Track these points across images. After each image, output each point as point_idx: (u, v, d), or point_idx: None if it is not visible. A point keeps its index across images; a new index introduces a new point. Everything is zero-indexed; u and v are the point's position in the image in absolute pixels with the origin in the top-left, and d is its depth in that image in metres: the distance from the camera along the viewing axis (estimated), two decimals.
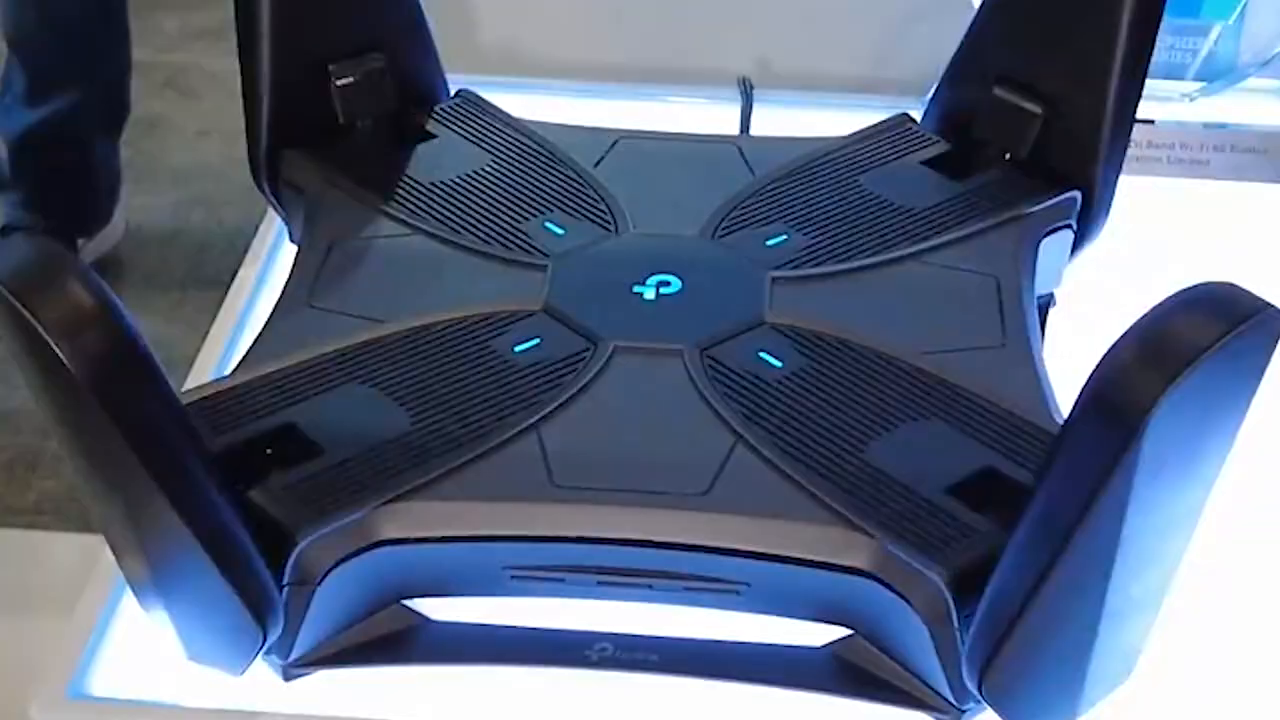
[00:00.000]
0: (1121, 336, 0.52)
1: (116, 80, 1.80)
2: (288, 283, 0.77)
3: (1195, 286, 0.53)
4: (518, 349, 0.71)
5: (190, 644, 0.64)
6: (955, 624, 0.60)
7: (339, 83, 0.83)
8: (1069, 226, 0.81)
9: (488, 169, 0.84)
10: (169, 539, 0.58)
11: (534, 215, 0.80)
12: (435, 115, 0.88)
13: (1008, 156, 0.83)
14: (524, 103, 0.90)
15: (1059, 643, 0.59)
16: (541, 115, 0.89)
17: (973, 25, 0.85)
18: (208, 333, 0.86)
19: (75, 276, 0.54)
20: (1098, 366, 0.52)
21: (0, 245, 0.55)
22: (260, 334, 0.73)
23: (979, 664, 0.59)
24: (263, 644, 0.62)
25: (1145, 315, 0.52)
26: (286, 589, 0.62)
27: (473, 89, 0.90)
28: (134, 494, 0.57)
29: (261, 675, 0.65)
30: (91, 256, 1.90)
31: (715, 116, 1.01)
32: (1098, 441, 0.53)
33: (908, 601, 0.61)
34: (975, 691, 0.60)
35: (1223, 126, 1.01)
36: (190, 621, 0.63)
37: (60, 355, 0.53)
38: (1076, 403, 0.53)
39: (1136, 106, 0.80)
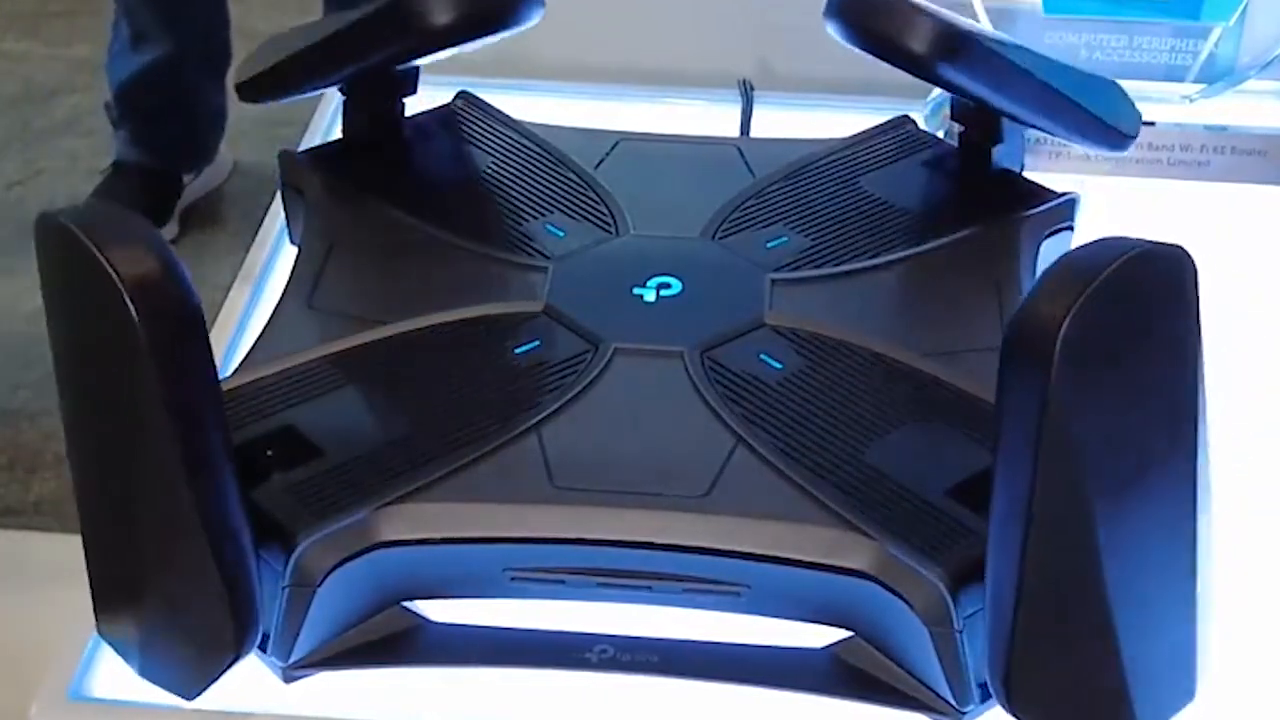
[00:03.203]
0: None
1: (213, 31, 1.90)
2: (288, 284, 0.77)
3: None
4: (518, 351, 0.71)
5: (150, 652, 0.63)
6: (955, 625, 0.60)
7: None
8: (1069, 228, 0.81)
9: (488, 171, 0.85)
10: (171, 517, 0.58)
11: (535, 217, 0.81)
12: (435, 117, 0.88)
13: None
14: (524, 104, 0.90)
15: (1074, 632, 0.58)
16: (542, 117, 0.89)
17: None
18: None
19: (153, 238, 0.57)
20: (1010, 321, 0.56)
21: (80, 208, 0.57)
22: (260, 335, 0.73)
23: (1001, 675, 0.58)
24: (230, 661, 0.61)
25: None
26: (287, 590, 0.62)
27: (473, 90, 0.90)
28: (153, 464, 0.57)
29: (262, 677, 0.64)
30: (198, 193, 2.02)
31: (716, 118, 1.00)
32: (1023, 380, 0.55)
33: (908, 603, 0.61)
34: (1008, 710, 0.59)
35: (1223, 128, 1.00)
36: (159, 622, 0.62)
37: (130, 309, 0.54)
38: (1000, 359, 0.56)
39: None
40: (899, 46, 0.79)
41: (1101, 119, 0.82)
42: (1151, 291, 0.57)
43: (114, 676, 0.67)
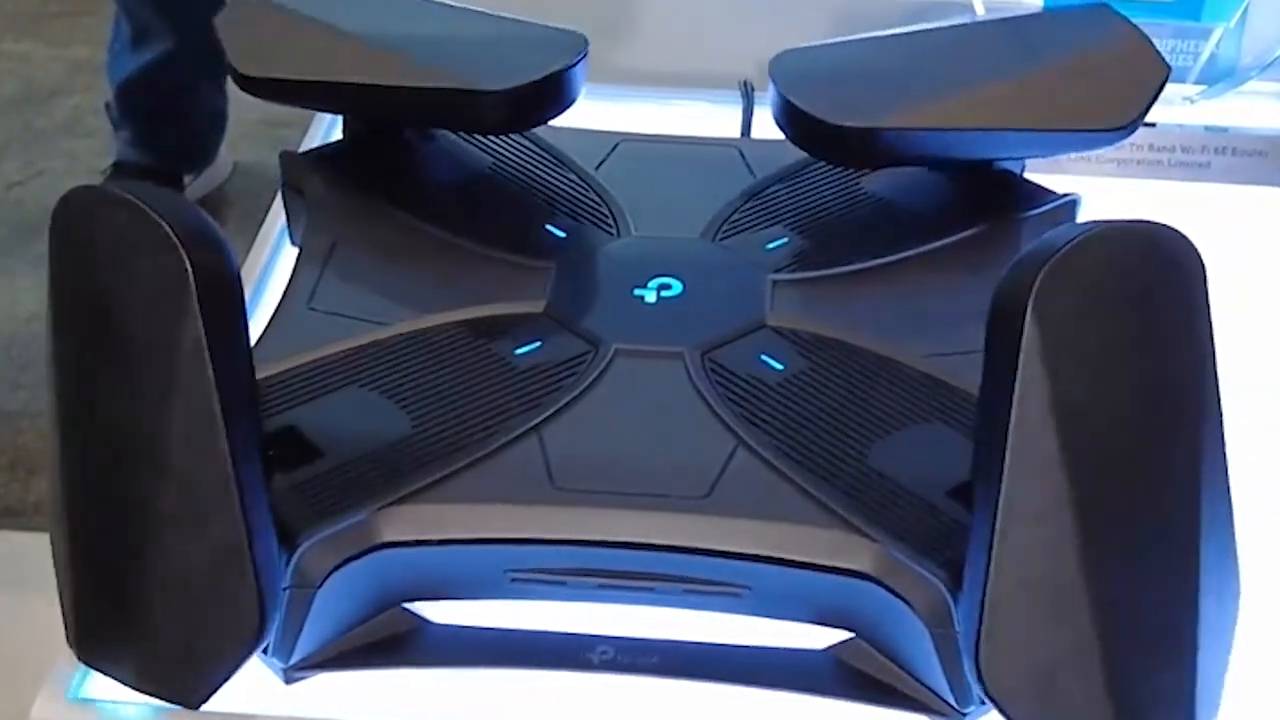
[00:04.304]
0: None
1: (209, 31, 1.91)
2: (289, 285, 0.77)
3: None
4: (519, 351, 0.71)
5: (151, 657, 0.60)
6: (956, 627, 0.60)
7: None
8: None
9: (489, 172, 0.85)
10: (203, 484, 0.58)
11: (536, 218, 0.80)
12: None
13: None
14: None
15: (1049, 611, 0.56)
16: None
17: None
18: None
19: (196, 209, 0.60)
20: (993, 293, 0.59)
21: (122, 182, 0.59)
22: (261, 336, 0.73)
23: (974, 654, 0.57)
24: (248, 652, 0.59)
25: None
26: (288, 592, 0.62)
27: None
28: (189, 421, 0.57)
29: (263, 678, 0.64)
30: (198, 194, 2.05)
31: (716, 119, 1.00)
32: (1002, 343, 0.57)
33: (909, 604, 0.61)
34: (983, 695, 0.58)
35: (1224, 130, 1.01)
36: (172, 612, 0.59)
37: (186, 263, 0.56)
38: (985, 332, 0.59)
39: None
40: (821, 157, 0.83)
41: (1074, 129, 0.80)
42: (1135, 268, 0.58)
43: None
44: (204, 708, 0.63)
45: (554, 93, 0.80)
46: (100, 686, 0.66)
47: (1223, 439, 0.59)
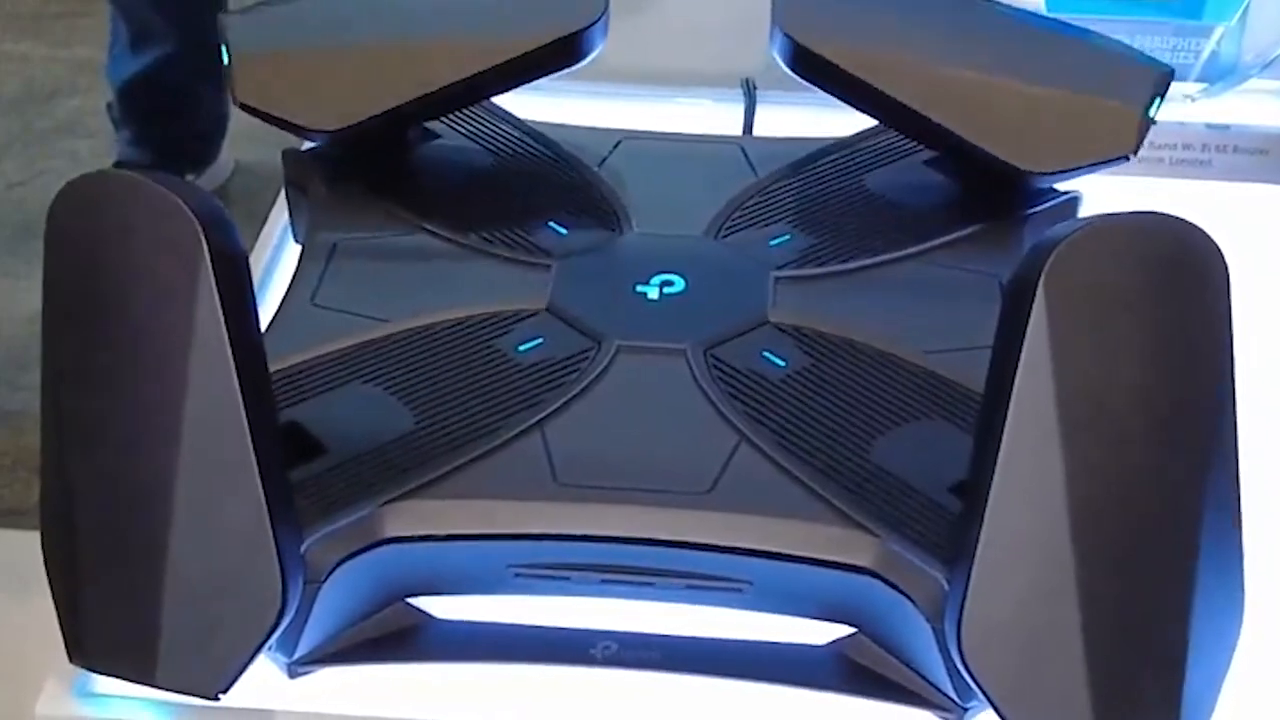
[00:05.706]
0: None
1: (213, 31, 1.92)
2: (292, 282, 0.77)
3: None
4: (521, 348, 0.71)
5: (169, 644, 0.59)
6: None
7: None
8: None
9: (491, 169, 0.85)
10: (221, 464, 0.57)
11: (538, 215, 0.81)
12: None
13: None
14: (527, 103, 0.90)
15: (1033, 591, 0.56)
16: (545, 116, 0.89)
17: None
18: None
19: (200, 188, 0.59)
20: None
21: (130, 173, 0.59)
22: (265, 333, 0.73)
23: (956, 629, 0.57)
24: (272, 629, 0.59)
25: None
26: None
27: None
28: (207, 398, 0.57)
29: (266, 673, 0.65)
30: None
31: (718, 117, 1.01)
32: (1010, 326, 0.57)
33: (910, 599, 0.61)
34: (961, 666, 0.58)
35: (1225, 128, 1.01)
36: (189, 601, 0.59)
37: (201, 236, 0.56)
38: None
39: None
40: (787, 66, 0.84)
41: (989, 148, 0.78)
42: (1151, 258, 0.58)
43: None
44: (208, 702, 0.63)
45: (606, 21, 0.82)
46: (104, 681, 0.66)
47: (1235, 445, 0.59)
